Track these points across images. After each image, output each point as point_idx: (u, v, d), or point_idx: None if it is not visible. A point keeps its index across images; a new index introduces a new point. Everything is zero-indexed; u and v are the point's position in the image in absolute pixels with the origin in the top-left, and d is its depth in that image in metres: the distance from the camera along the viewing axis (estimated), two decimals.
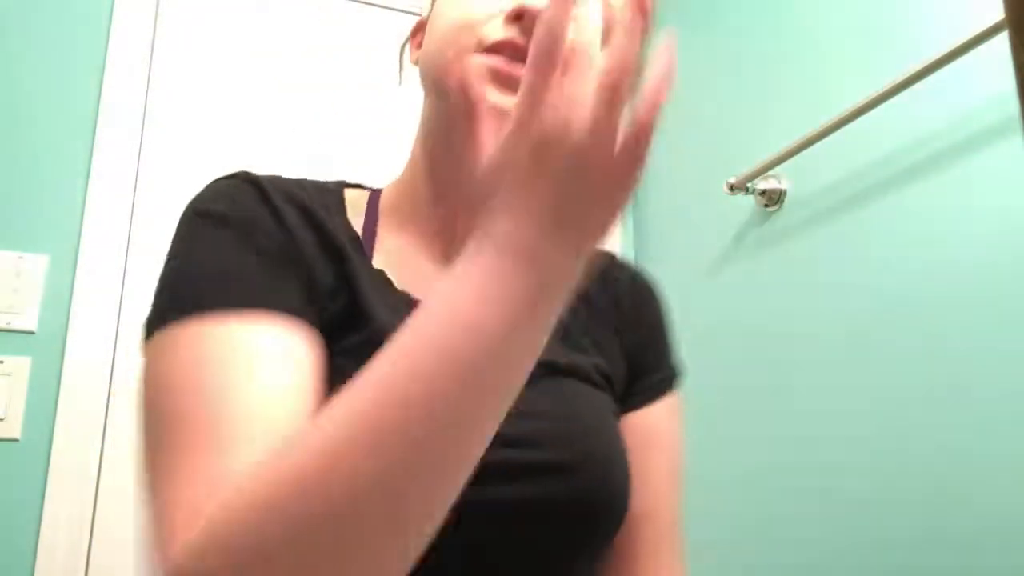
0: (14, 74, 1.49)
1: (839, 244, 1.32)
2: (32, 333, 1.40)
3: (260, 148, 1.66)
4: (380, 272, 0.62)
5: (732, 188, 1.48)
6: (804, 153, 1.35)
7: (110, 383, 1.43)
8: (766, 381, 1.42)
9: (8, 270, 1.40)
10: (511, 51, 0.58)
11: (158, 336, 0.52)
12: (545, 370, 0.61)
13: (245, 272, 0.54)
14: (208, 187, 0.64)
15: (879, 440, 1.18)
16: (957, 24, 1.10)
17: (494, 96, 0.57)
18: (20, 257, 1.42)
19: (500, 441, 0.46)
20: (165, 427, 0.48)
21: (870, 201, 1.27)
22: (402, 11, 1.84)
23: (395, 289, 0.61)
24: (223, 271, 0.54)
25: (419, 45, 0.72)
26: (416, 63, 0.71)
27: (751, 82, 1.59)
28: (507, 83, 0.58)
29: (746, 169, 1.46)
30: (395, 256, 0.64)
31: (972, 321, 1.08)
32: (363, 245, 0.63)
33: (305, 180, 0.67)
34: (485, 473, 0.45)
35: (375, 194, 0.69)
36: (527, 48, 0.44)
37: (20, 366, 1.37)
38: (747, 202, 1.52)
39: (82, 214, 1.47)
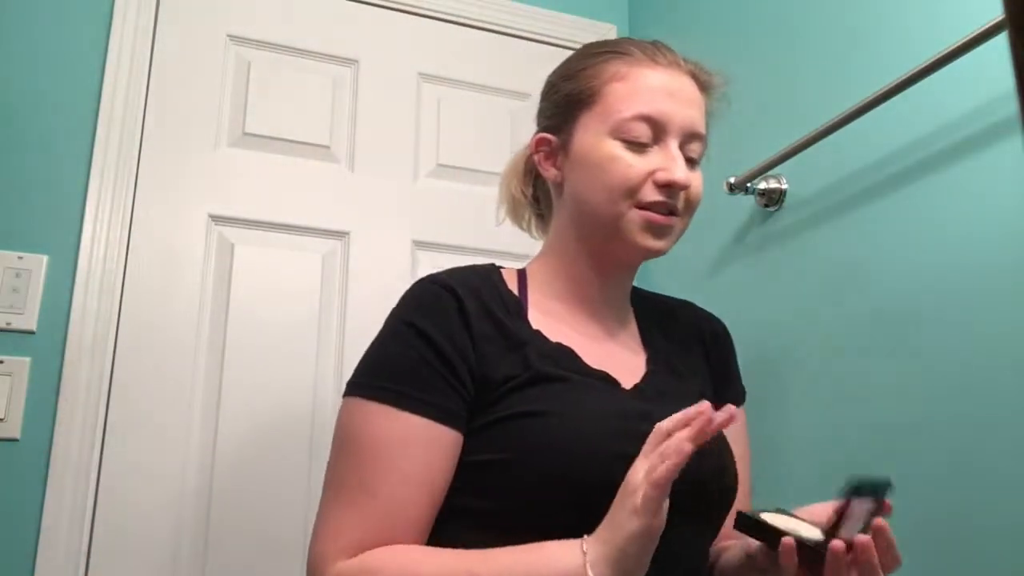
0: (14, 74, 1.49)
1: (839, 244, 1.32)
2: (32, 333, 1.40)
3: (260, 147, 1.66)
4: (539, 332, 0.87)
5: (732, 188, 1.48)
6: (804, 153, 1.35)
7: (110, 383, 1.43)
8: (765, 381, 1.42)
9: (8, 270, 1.40)
10: (662, 209, 0.86)
11: (359, 400, 0.81)
12: (676, 393, 0.87)
13: (424, 381, 0.80)
14: (416, 295, 0.87)
15: (878, 439, 1.18)
16: (957, 24, 1.10)
17: (646, 240, 0.87)
18: (20, 257, 1.42)
19: (641, 415, 0.79)
20: (347, 471, 0.80)
21: (870, 201, 1.27)
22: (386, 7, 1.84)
23: (551, 343, 0.86)
24: (410, 378, 0.80)
25: (553, 164, 0.94)
26: (554, 179, 0.94)
27: (751, 82, 1.59)
28: (656, 231, 0.87)
29: (746, 169, 1.47)
30: (549, 318, 0.89)
31: (972, 321, 1.08)
32: (522, 309, 0.89)
33: (477, 268, 0.92)
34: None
35: (522, 273, 0.94)
36: (671, 206, 0.87)
37: (20, 366, 1.37)
38: (747, 202, 1.52)
39: (82, 214, 1.47)
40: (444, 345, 0.81)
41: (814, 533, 0.71)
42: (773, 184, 1.47)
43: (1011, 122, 1.05)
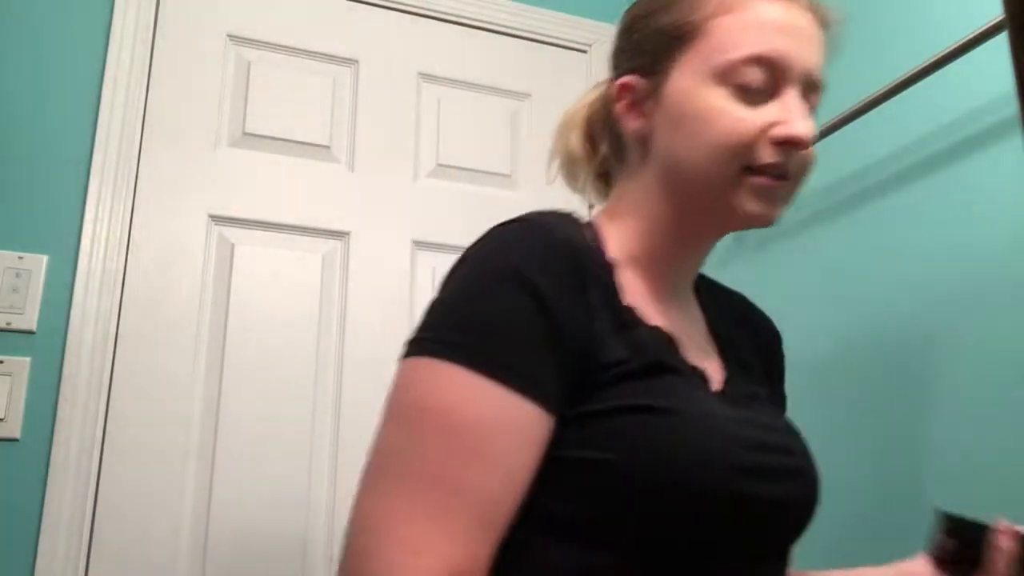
0: (14, 74, 1.49)
1: (839, 243, 1.32)
2: (32, 333, 1.40)
3: (260, 147, 1.66)
4: (634, 310, 0.70)
5: None
6: None
7: (110, 383, 1.43)
8: None
9: (8, 270, 1.40)
10: (775, 171, 0.69)
11: (445, 364, 0.60)
12: (757, 396, 0.77)
13: (536, 355, 0.61)
14: (524, 240, 0.66)
15: (876, 439, 1.19)
16: (957, 24, 1.10)
17: (756, 208, 0.70)
18: (20, 257, 1.42)
19: (769, 447, 0.67)
20: (422, 451, 0.59)
21: (870, 201, 1.27)
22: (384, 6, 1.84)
23: (649, 325, 0.70)
24: (518, 345, 0.61)
25: (639, 114, 0.76)
26: (640, 131, 0.76)
27: None
28: (769, 198, 0.70)
29: None
30: (635, 294, 0.72)
31: (971, 321, 1.08)
32: (615, 277, 0.70)
33: (566, 216, 0.73)
34: (763, 473, 0.64)
35: (594, 228, 0.75)
36: (786, 168, 0.69)
37: (20, 366, 1.37)
38: None
39: (82, 214, 1.47)
40: (559, 310, 0.62)
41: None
42: None
43: (1011, 122, 1.05)
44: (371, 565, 0.56)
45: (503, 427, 0.59)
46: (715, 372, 0.75)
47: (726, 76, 0.69)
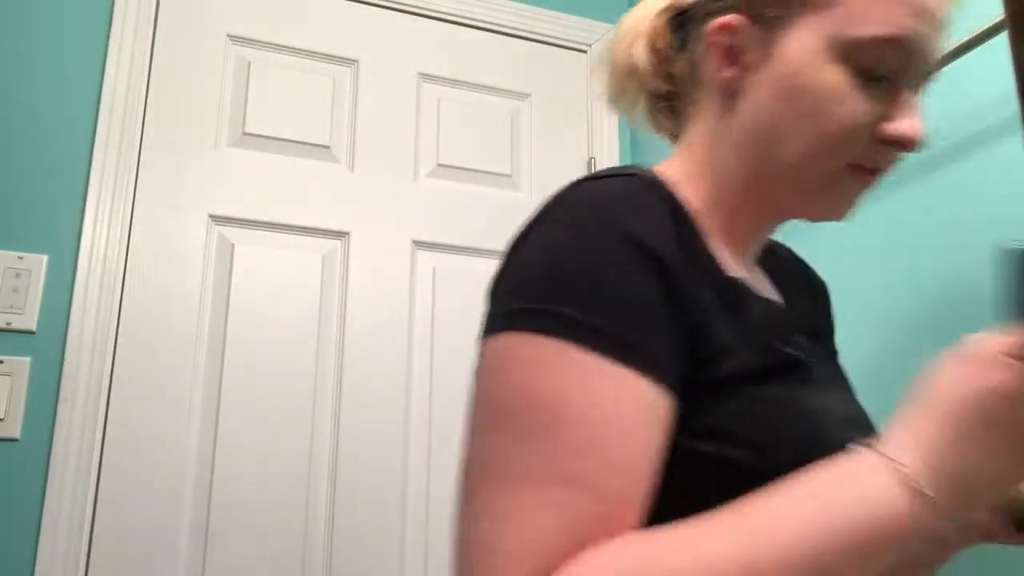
0: (14, 74, 1.49)
1: (839, 244, 1.32)
2: (32, 333, 1.40)
3: (260, 147, 1.66)
4: (741, 282, 0.62)
5: None
6: None
7: (110, 383, 1.43)
8: None
9: (8, 270, 1.40)
10: (875, 173, 0.63)
11: (550, 341, 0.50)
12: (833, 377, 0.71)
13: (651, 323, 0.52)
14: (615, 190, 0.56)
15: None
16: (957, 24, 1.10)
17: (843, 207, 0.66)
18: (20, 257, 1.42)
19: (845, 421, 0.61)
20: (532, 444, 0.49)
21: (869, 201, 1.27)
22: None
23: (761, 298, 0.64)
24: (634, 315, 0.51)
25: (735, 62, 0.64)
26: (730, 81, 0.65)
27: None
28: (858, 199, 0.66)
29: None
30: (724, 262, 0.63)
31: (971, 321, 1.08)
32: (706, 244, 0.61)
33: (633, 169, 0.62)
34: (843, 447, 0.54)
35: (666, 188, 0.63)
36: (887, 167, 0.62)
37: (20, 366, 1.37)
38: None
39: (82, 214, 1.47)
40: (677, 277, 0.53)
41: None
42: None
43: (1011, 122, 1.05)
44: (487, 569, 0.48)
45: (629, 413, 0.50)
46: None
47: (854, 54, 0.59)
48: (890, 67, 0.59)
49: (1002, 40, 1.01)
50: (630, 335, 0.51)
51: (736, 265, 0.66)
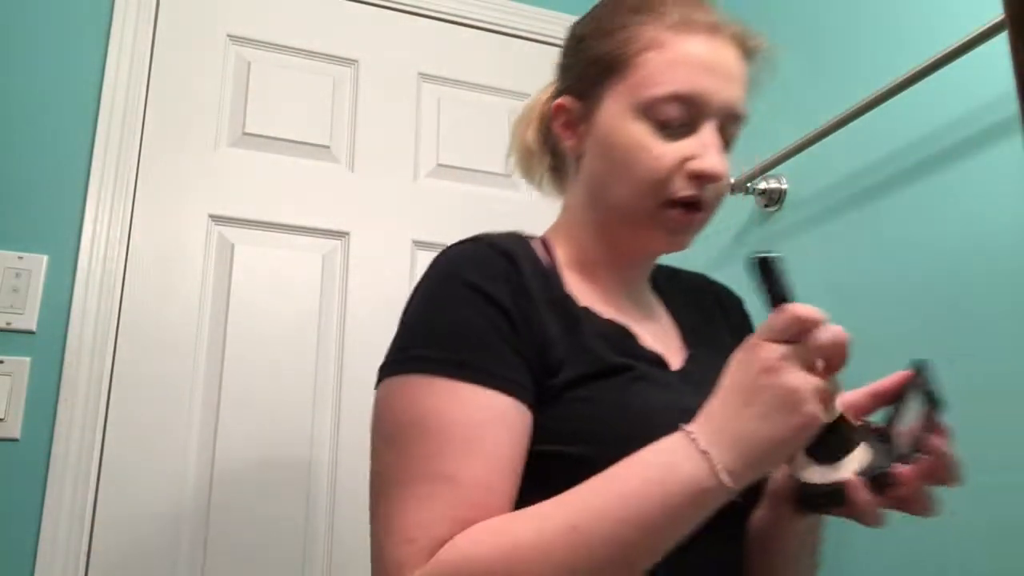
0: (14, 74, 1.49)
1: (839, 244, 1.32)
2: (32, 333, 1.40)
3: (260, 147, 1.66)
4: (589, 309, 0.76)
5: (732, 188, 1.48)
6: (804, 153, 1.35)
7: (110, 383, 1.43)
8: None
9: (8, 270, 1.40)
10: (690, 203, 0.75)
11: (420, 378, 0.67)
12: (707, 370, 0.76)
13: (489, 348, 0.67)
14: (469, 255, 0.73)
15: None
16: (957, 24, 1.10)
17: (669, 240, 0.78)
18: (20, 257, 1.42)
19: (685, 413, 0.66)
20: (409, 460, 0.65)
21: (870, 201, 1.27)
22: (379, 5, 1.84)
23: (604, 319, 0.76)
24: (474, 344, 0.67)
25: (573, 133, 0.82)
26: (573, 149, 0.82)
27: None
28: (682, 231, 0.77)
29: (746, 169, 1.47)
30: (588, 293, 0.79)
31: (971, 321, 1.08)
32: (561, 281, 0.77)
33: (507, 234, 0.79)
34: None
35: (546, 241, 0.82)
36: (701, 200, 0.74)
37: (20, 366, 1.37)
38: (747, 202, 1.52)
39: (82, 214, 1.47)
40: (508, 306, 0.68)
41: (866, 453, 0.61)
42: (773, 184, 1.47)
43: (1011, 122, 1.05)
44: (380, 566, 0.65)
45: (481, 421, 0.64)
46: (676, 355, 0.80)
47: (649, 111, 0.74)
48: (683, 117, 0.74)
49: (1002, 40, 1.01)
50: (477, 361, 0.66)
51: (601, 297, 0.79)
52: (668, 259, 0.92)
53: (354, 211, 1.68)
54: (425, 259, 1.68)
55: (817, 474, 0.62)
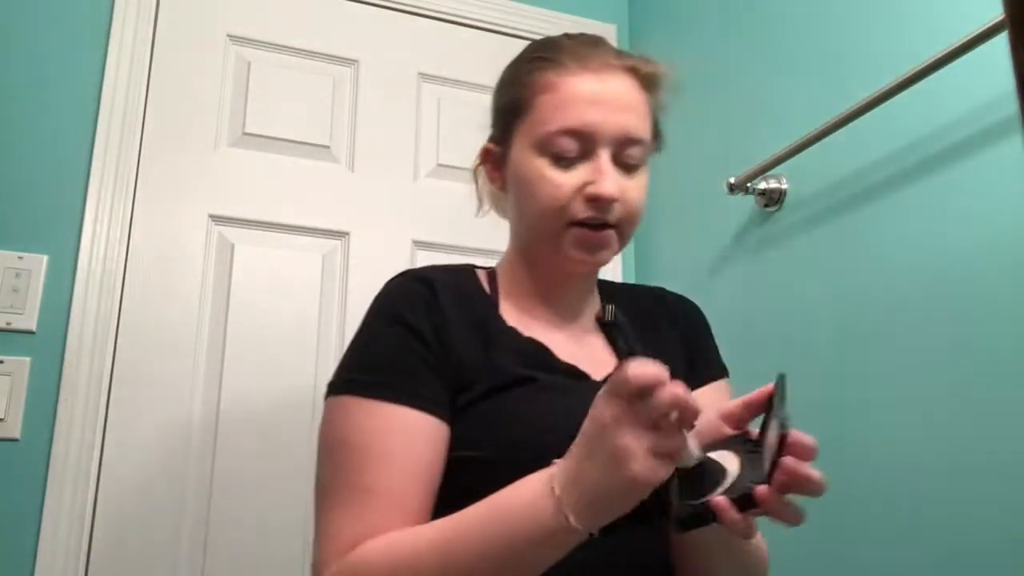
0: (14, 74, 1.49)
1: (839, 244, 1.32)
2: (32, 333, 1.40)
3: (260, 147, 1.66)
4: (513, 328, 0.86)
5: (732, 188, 1.48)
6: (804, 153, 1.35)
7: (110, 383, 1.43)
8: (765, 381, 1.41)
9: (8, 270, 1.40)
10: (594, 222, 0.83)
11: (343, 399, 0.79)
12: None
13: (408, 371, 0.79)
14: (391, 288, 0.86)
15: (875, 439, 1.18)
16: (957, 24, 1.10)
17: (580, 255, 0.85)
18: (20, 257, 1.42)
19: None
20: (338, 472, 0.77)
21: (870, 201, 1.27)
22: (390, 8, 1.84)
23: (524, 337, 0.86)
24: (395, 368, 0.79)
25: (499, 176, 0.92)
26: (501, 190, 0.93)
27: (751, 82, 1.59)
28: (590, 246, 0.84)
29: (746, 169, 1.47)
30: (523, 314, 0.89)
31: (971, 321, 1.08)
32: (495, 306, 0.88)
33: (451, 266, 0.92)
34: None
35: (492, 272, 0.94)
36: (604, 220, 0.83)
37: (20, 366, 1.37)
38: (747, 202, 1.52)
39: (82, 214, 1.47)
40: (426, 333, 0.80)
41: (733, 461, 0.64)
42: (773, 184, 1.47)
43: (1011, 122, 1.05)
44: (313, 559, 0.76)
45: (401, 436, 0.75)
46: (605, 364, 0.86)
47: (545, 146, 0.82)
48: (578, 149, 0.82)
49: (1002, 40, 1.01)
50: (396, 383, 0.77)
51: (530, 317, 0.89)
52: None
53: (354, 211, 1.68)
54: (425, 259, 1.70)
55: (688, 495, 0.64)
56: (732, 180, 1.48)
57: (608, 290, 1.00)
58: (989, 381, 1.04)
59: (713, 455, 0.66)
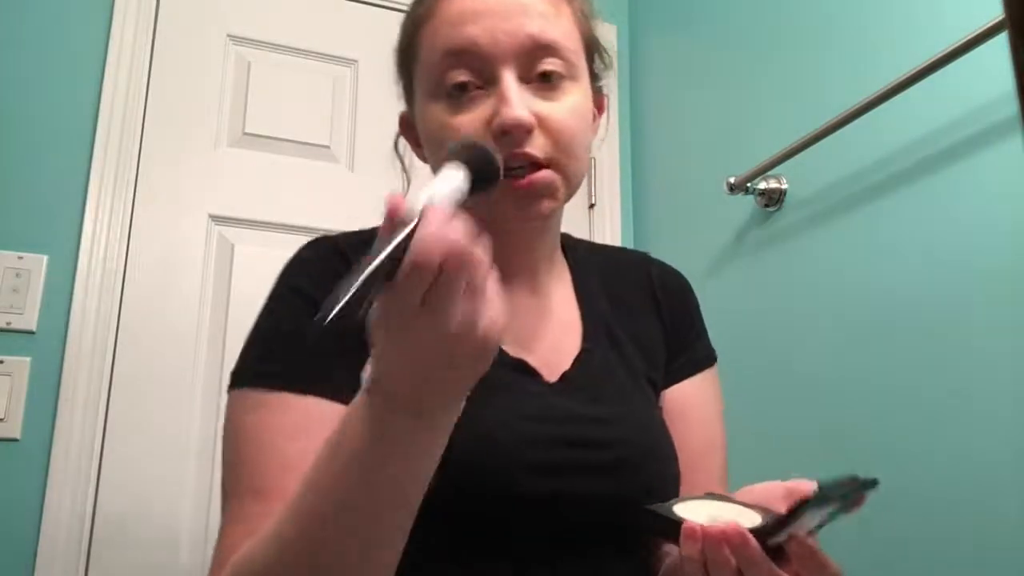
0: (14, 74, 1.49)
1: (839, 244, 1.32)
2: (32, 333, 1.40)
3: (260, 147, 1.66)
4: None
5: (732, 188, 1.48)
6: (804, 153, 1.35)
7: (110, 383, 1.43)
8: (766, 380, 1.42)
9: (8, 270, 1.40)
10: (520, 163, 0.65)
11: (240, 392, 0.67)
12: (614, 378, 0.72)
13: (318, 355, 0.65)
14: (298, 255, 0.74)
15: (875, 438, 1.18)
16: (957, 24, 1.10)
17: (523, 212, 0.66)
18: (20, 257, 1.42)
19: (570, 442, 0.65)
20: (228, 472, 0.69)
21: (870, 201, 1.27)
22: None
23: None
24: (299, 350, 0.65)
25: (417, 143, 0.76)
26: (424, 160, 0.75)
27: (751, 82, 1.59)
28: (530, 198, 0.66)
29: (746, 169, 1.47)
30: None
31: (971, 321, 1.08)
32: None
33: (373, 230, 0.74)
34: (544, 469, 0.63)
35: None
36: (530, 156, 0.64)
37: (20, 366, 1.37)
38: (747, 202, 1.52)
39: (82, 214, 1.47)
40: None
41: (753, 520, 0.55)
42: (773, 184, 1.47)
43: (1011, 122, 1.05)
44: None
45: (304, 430, 0.62)
46: (563, 353, 0.72)
47: (437, 87, 0.67)
48: (473, 78, 0.65)
49: (1002, 40, 1.01)
50: (289, 369, 0.64)
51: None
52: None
53: (354, 211, 1.68)
54: None
55: (684, 510, 0.58)
56: (732, 180, 1.48)
57: (577, 252, 0.83)
58: (990, 381, 1.04)
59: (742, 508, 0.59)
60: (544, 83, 0.66)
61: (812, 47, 1.44)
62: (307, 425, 0.63)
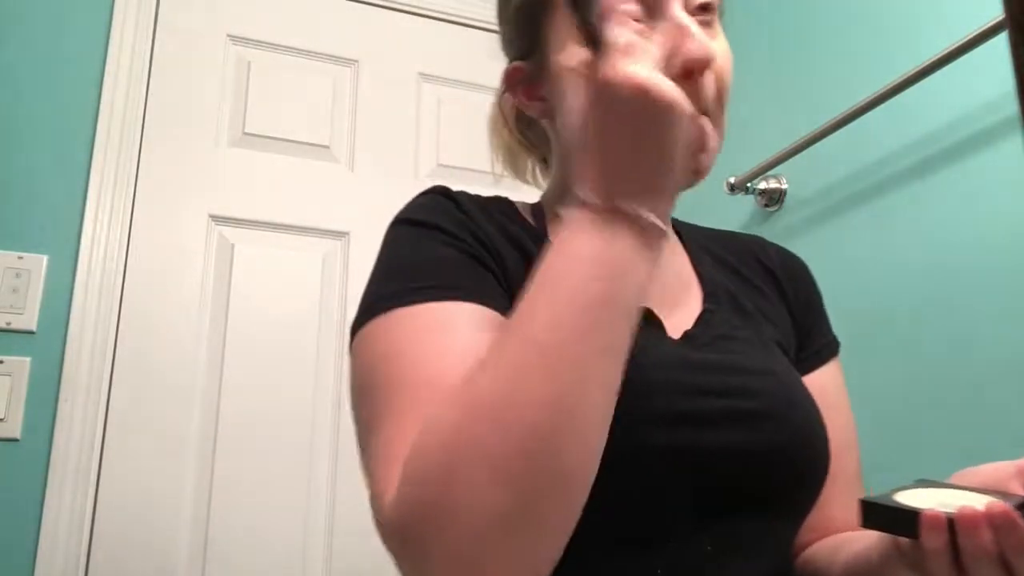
0: (14, 73, 1.49)
1: (838, 244, 1.32)
2: (32, 333, 1.40)
3: (260, 147, 1.66)
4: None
5: (732, 188, 1.48)
6: (804, 153, 1.35)
7: (110, 383, 1.43)
8: None
9: (8, 270, 1.40)
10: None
11: (369, 327, 0.59)
12: (729, 337, 0.67)
13: (445, 264, 0.61)
14: (409, 203, 0.69)
15: (875, 439, 1.19)
16: (957, 24, 1.10)
17: (697, 164, 0.59)
18: (20, 257, 1.42)
19: (717, 391, 0.60)
20: (376, 397, 0.56)
21: (869, 201, 1.27)
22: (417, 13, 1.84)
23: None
24: (426, 265, 0.61)
25: (534, 97, 0.69)
26: (542, 114, 0.71)
27: (751, 82, 1.59)
28: (696, 148, 0.58)
29: (746, 169, 1.47)
30: None
31: (971, 321, 1.08)
32: (542, 239, 0.66)
33: (482, 196, 0.72)
34: (700, 419, 0.58)
35: (537, 205, 0.74)
36: (700, 104, 0.56)
37: (20, 366, 1.37)
38: (747, 202, 1.52)
39: (82, 214, 1.47)
40: (461, 233, 0.63)
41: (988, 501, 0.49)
42: (773, 184, 1.47)
43: (1011, 122, 1.05)
44: (374, 511, 0.54)
45: (454, 325, 0.57)
46: (685, 312, 0.68)
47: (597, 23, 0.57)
48: (637, 11, 0.56)
49: (1002, 40, 1.01)
50: (432, 282, 0.59)
51: None
52: None
53: (354, 211, 1.68)
54: None
55: (906, 498, 0.52)
56: (732, 180, 1.48)
57: (683, 227, 0.79)
58: (990, 380, 1.04)
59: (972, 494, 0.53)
60: (704, 15, 0.60)
61: (811, 47, 1.44)
62: (480, 319, 0.57)
